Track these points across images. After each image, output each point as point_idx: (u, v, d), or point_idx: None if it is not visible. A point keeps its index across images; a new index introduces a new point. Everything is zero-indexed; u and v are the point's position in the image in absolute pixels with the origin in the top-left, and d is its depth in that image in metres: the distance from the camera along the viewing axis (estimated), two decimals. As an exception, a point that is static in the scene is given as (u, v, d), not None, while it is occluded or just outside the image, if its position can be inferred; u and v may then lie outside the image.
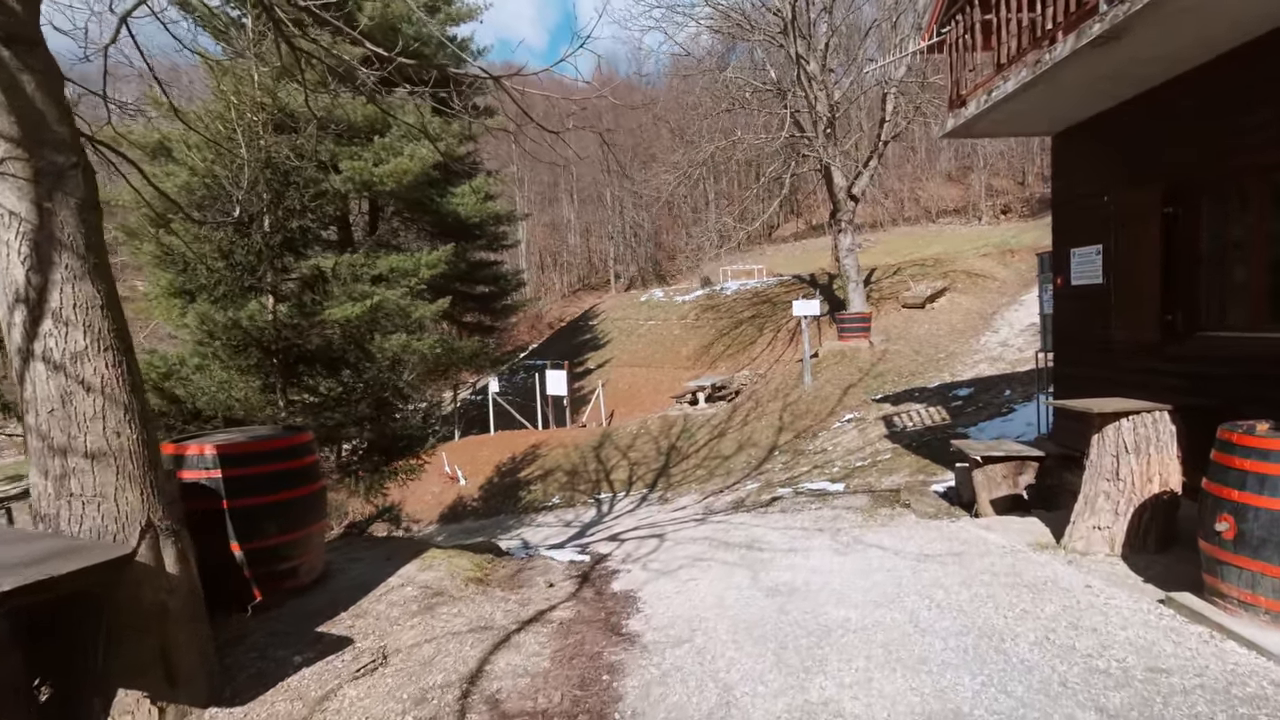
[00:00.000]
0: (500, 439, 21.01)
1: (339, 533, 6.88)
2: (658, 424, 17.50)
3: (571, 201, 68.08)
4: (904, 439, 10.56)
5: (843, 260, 19.43)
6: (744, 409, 15.12)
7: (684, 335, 29.02)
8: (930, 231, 52.41)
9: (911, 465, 9.19)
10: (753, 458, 12.85)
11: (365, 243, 20.61)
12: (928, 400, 12.08)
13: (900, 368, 14.03)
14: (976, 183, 55.90)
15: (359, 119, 17.29)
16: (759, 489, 10.40)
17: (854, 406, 13.05)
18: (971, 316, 16.45)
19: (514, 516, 15.08)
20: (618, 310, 36.02)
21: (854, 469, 9.87)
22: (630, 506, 12.55)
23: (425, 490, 19.18)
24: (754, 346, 23.82)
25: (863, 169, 19.01)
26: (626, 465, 15.46)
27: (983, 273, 19.55)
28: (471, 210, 19.37)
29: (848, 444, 11.33)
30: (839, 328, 15.72)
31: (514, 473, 17.98)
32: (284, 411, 9.14)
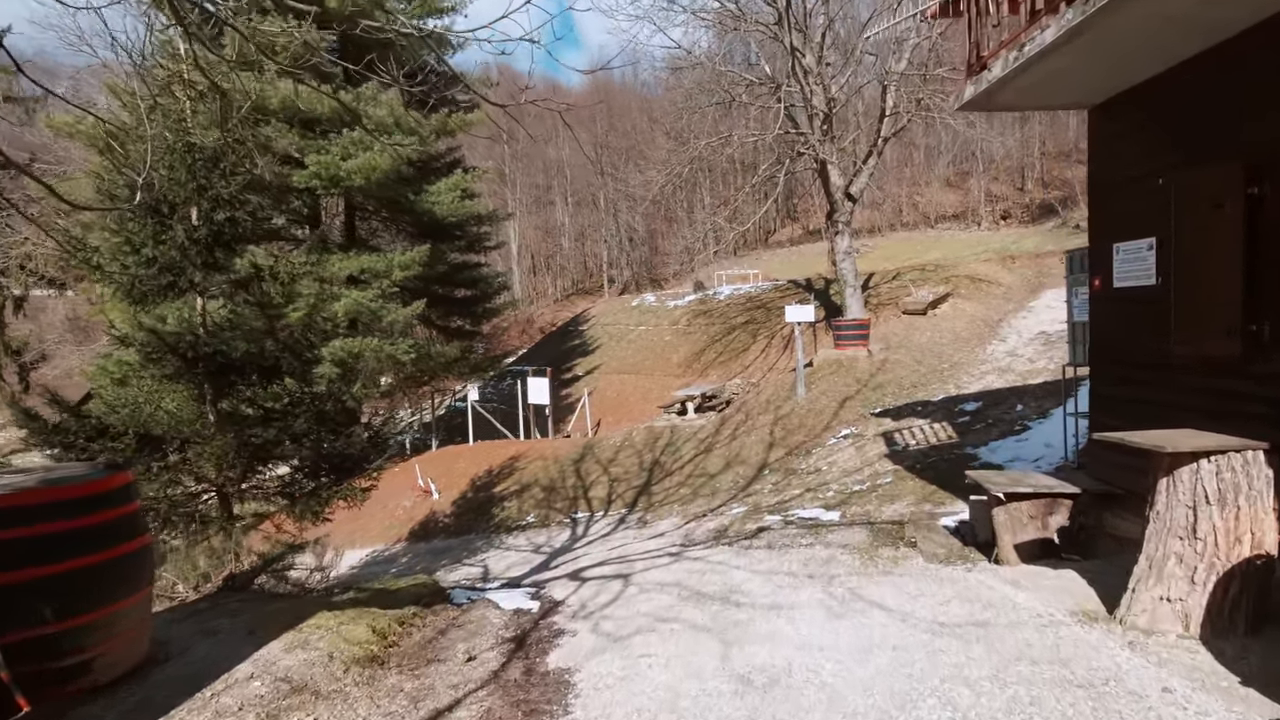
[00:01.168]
0: (478, 450, 19.94)
1: (214, 587, 5.79)
2: (643, 436, 16.43)
3: (565, 204, 67.12)
4: (907, 459, 9.51)
5: (840, 264, 18.41)
6: (733, 422, 14.08)
7: (675, 341, 27.98)
8: (929, 237, 51.56)
9: (916, 492, 8.14)
10: (740, 476, 11.79)
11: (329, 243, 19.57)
12: (932, 415, 11.04)
13: (901, 379, 12.99)
14: (976, 188, 55.14)
15: (325, 110, 16.24)
16: (745, 514, 9.34)
17: (851, 421, 12.00)
18: (976, 324, 15.43)
19: (484, 536, 13.99)
20: (608, 315, 34.98)
21: (851, 494, 8.81)
22: (606, 529, 11.48)
23: (397, 504, 18.12)
24: (747, 354, 22.79)
25: (861, 167, 18.02)
26: (607, 481, 14.39)
27: (987, 278, 18.55)
28: (448, 209, 18.32)
29: (844, 463, 10.27)
30: (835, 335, 14.69)
31: (489, 487, 16.90)
32: (213, 429, 8.06)
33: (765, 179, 19.42)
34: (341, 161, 16.00)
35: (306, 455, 8.86)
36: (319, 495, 8.65)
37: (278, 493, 9.06)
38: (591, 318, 36.40)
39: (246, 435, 7.73)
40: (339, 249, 19.22)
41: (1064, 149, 56.04)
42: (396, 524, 17.14)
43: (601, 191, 58.54)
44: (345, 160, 16.02)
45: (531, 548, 11.55)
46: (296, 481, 9.29)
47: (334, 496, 8.80)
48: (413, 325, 23.29)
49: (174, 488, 7.79)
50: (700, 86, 18.06)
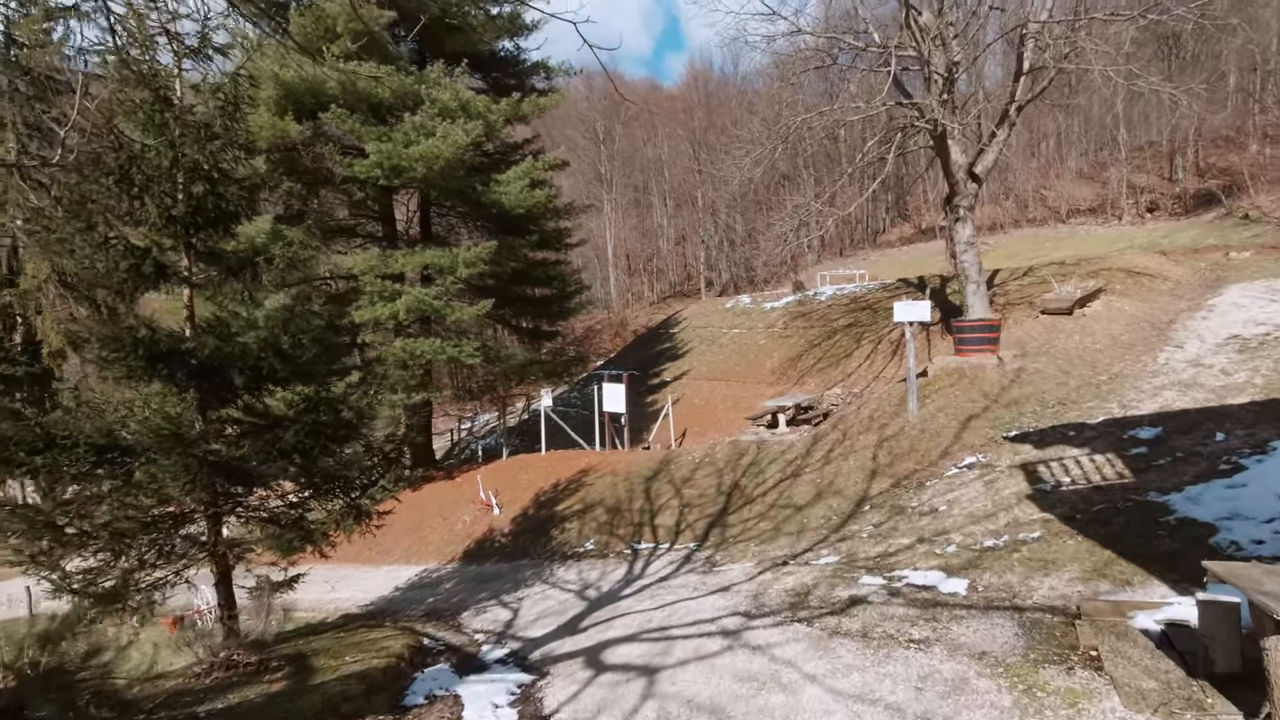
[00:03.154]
0: (548, 460, 18.42)
1: None
2: (726, 452, 14.36)
3: (664, 205, 65.51)
4: (1060, 504, 7.03)
5: (960, 256, 15.62)
6: (827, 441, 11.78)
7: (770, 346, 25.63)
8: (1060, 234, 46.52)
9: (1081, 558, 5.73)
10: (834, 512, 9.53)
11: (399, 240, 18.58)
12: (1090, 443, 8.41)
13: (1042, 394, 10.31)
14: (1115, 178, 49.34)
15: (386, 94, 15.14)
16: (835, 569, 7.15)
17: (977, 446, 9.50)
18: (1140, 326, 12.40)
19: (537, 564, 12.34)
20: (700, 317, 32.92)
21: (982, 551, 6.46)
22: (666, 569, 9.52)
23: (458, 517, 16.87)
24: (849, 360, 20.22)
25: (987, 144, 15.22)
26: (677, 506, 12.43)
27: (1148, 271, 15.25)
28: (516, 199, 16.89)
29: (970, 504, 7.86)
30: (956, 339, 12.10)
31: (553, 504, 15.29)
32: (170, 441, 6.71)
33: (872, 161, 16.88)
34: (404, 149, 14.84)
35: (295, 474, 7.41)
36: (301, 527, 7.15)
37: (268, 519, 7.68)
38: (683, 320, 34.45)
39: (204, 452, 6.29)
40: (412, 245, 18.23)
41: (1221, 133, 49.58)
42: (455, 539, 15.84)
43: (699, 190, 56.49)
44: (408, 147, 14.85)
45: (577, 588, 9.75)
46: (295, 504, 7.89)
47: (321, 530, 7.29)
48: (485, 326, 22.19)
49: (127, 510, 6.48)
50: (798, 55, 15.81)
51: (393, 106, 15.71)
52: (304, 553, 7.42)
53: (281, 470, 7.17)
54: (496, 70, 20.81)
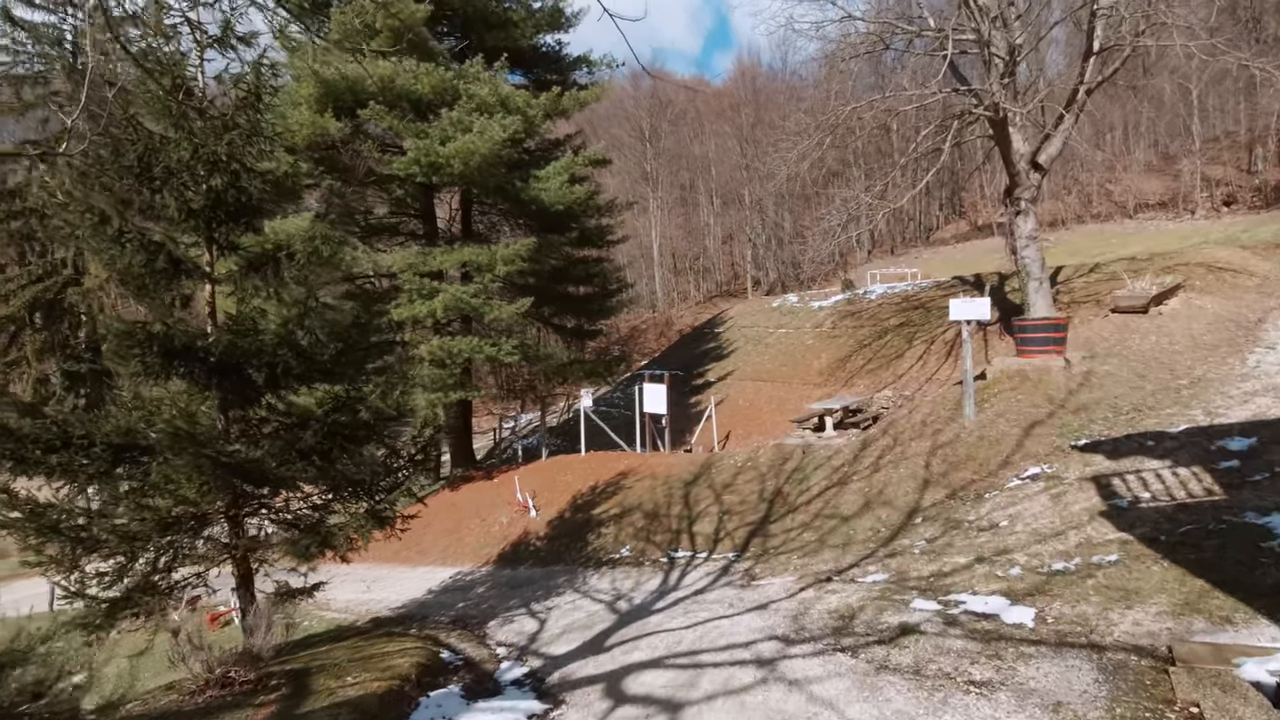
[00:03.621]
0: (587, 462, 18.06)
1: None
2: (770, 456, 13.77)
3: (710, 204, 64.74)
4: (1140, 524, 6.30)
5: (1021, 251, 14.70)
6: (877, 447, 11.09)
7: (817, 346, 24.84)
8: (1127, 229, 44.31)
9: (1169, 587, 5.04)
10: (883, 523, 8.89)
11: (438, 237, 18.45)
12: (1172, 455, 7.60)
13: (1115, 399, 9.46)
14: (1188, 170, 46.75)
15: (424, 90, 14.94)
16: (884, 589, 6.54)
17: (1042, 456, 8.73)
18: (1224, 325, 11.37)
19: (570, 570, 11.95)
20: (746, 317, 32.21)
21: (1051, 576, 5.79)
22: (703, 581, 9.02)
23: (495, 519, 16.63)
24: (900, 361, 19.35)
25: (1053, 131, 14.29)
26: (717, 513, 11.91)
27: (1231, 266, 14.07)
28: (555, 196, 16.55)
29: (1035, 520, 7.16)
30: (1018, 339, 11.26)
31: (590, 507, 14.92)
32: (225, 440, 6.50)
33: (926, 152, 16.02)
34: (440, 146, 14.64)
35: (314, 476, 7.14)
36: (318, 531, 6.87)
37: (290, 523, 7.43)
38: (729, 319, 33.78)
39: (217, 452, 6.04)
40: (451, 243, 18.08)
41: (1303, 122, 46.57)
42: (491, 541, 15.60)
43: (746, 188, 55.60)
44: (444, 144, 14.65)
45: (609, 598, 9.31)
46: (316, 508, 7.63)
47: (339, 534, 6.99)
48: (526, 324, 21.96)
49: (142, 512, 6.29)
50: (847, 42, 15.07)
51: (432, 103, 15.52)
52: (323, 558, 7.15)
53: (300, 472, 6.90)
54: (538, 66, 20.56)
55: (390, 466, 7.92)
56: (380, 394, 7.20)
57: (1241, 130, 48.92)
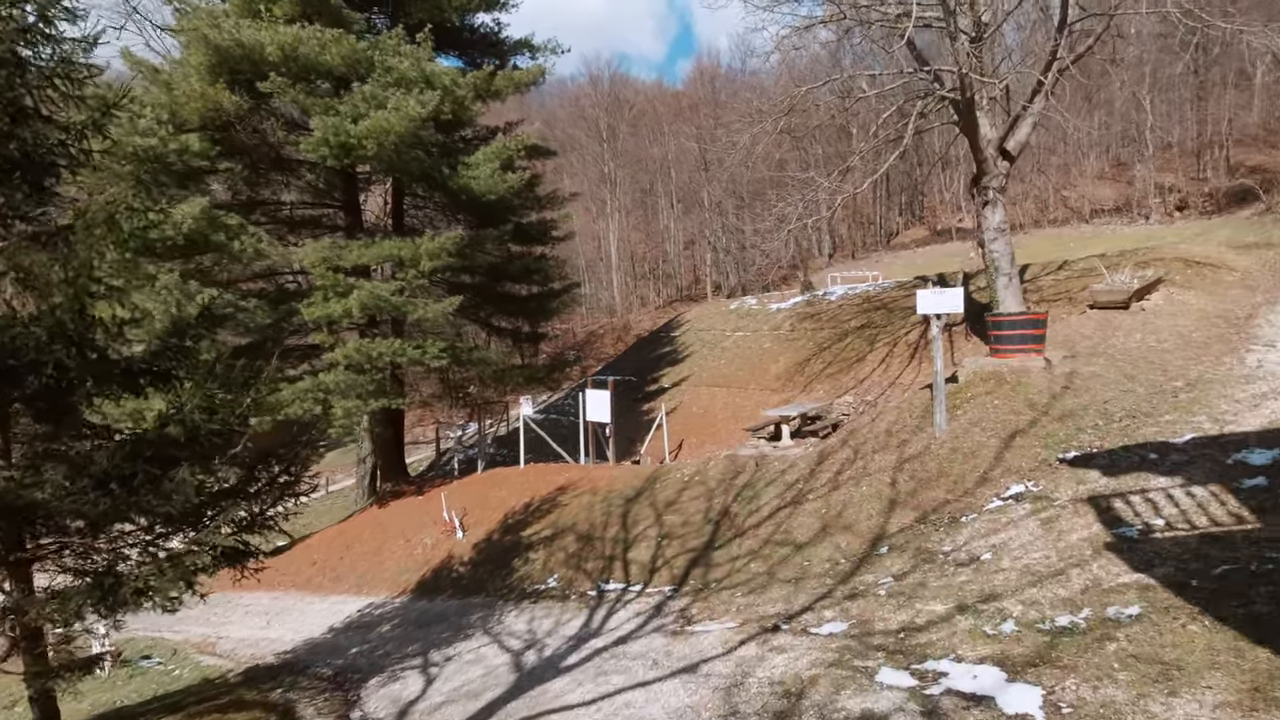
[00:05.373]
0: (525, 475, 16.47)
1: None
2: (720, 469, 12.38)
3: (671, 208, 63.54)
4: (1160, 561, 5.01)
5: (989, 245, 13.60)
6: (836, 460, 9.76)
7: (775, 349, 23.66)
8: (1083, 233, 44.32)
9: (1226, 664, 3.71)
10: (842, 553, 7.52)
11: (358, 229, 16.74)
12: (1181, 470, 6.37)
13: (1105, 403, 8.26)
14: (1141, 177, 47.16)
15: (334, 61, 13.28)
16: (843, 649, 5.15)
17: (1026, 471, 7.46)
18: (1212, 322, 10.31)
19: (487, 605, 10.39)
20: (703, 320, 30.95)
21: (1056, 635, 4.46)
22: (629, 625, 7.55)
23: (419, 540, 14.96)
24: (861, 365, 18.20)
25: (1023, 112, 13.23)
26: (656, 536, 10.46)
27: (1210, 261, 13.13)
28: (486, 184, 14.98)
29: (1026, 554, 5.84)
30: (992, 337, 10.04)
31: (522, 527, 13.35)
32: None
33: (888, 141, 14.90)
34: (351, 124, 13.00)
35: (103, 514, 5.48)
36: (101, 585, 5.22)
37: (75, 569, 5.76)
38: (685, 323, 32.50)
39: None
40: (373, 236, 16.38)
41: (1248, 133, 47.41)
42: (412, 566, 13.94)
43: (706, 190, 54.50)
44: (356, 122, 13.00)
45: (519, 647, 7.79)
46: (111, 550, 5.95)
47: (139, 583, 5.34)
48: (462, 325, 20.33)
49: None
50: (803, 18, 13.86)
51: (344, 77, 13.86)
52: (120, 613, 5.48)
53: (92, 506, 5.27)
54: (474, 48, 19.01)
55: (232, 491, 6.28)
56: (221, 403, 5.57)
57: (1190, 139, 49.59)
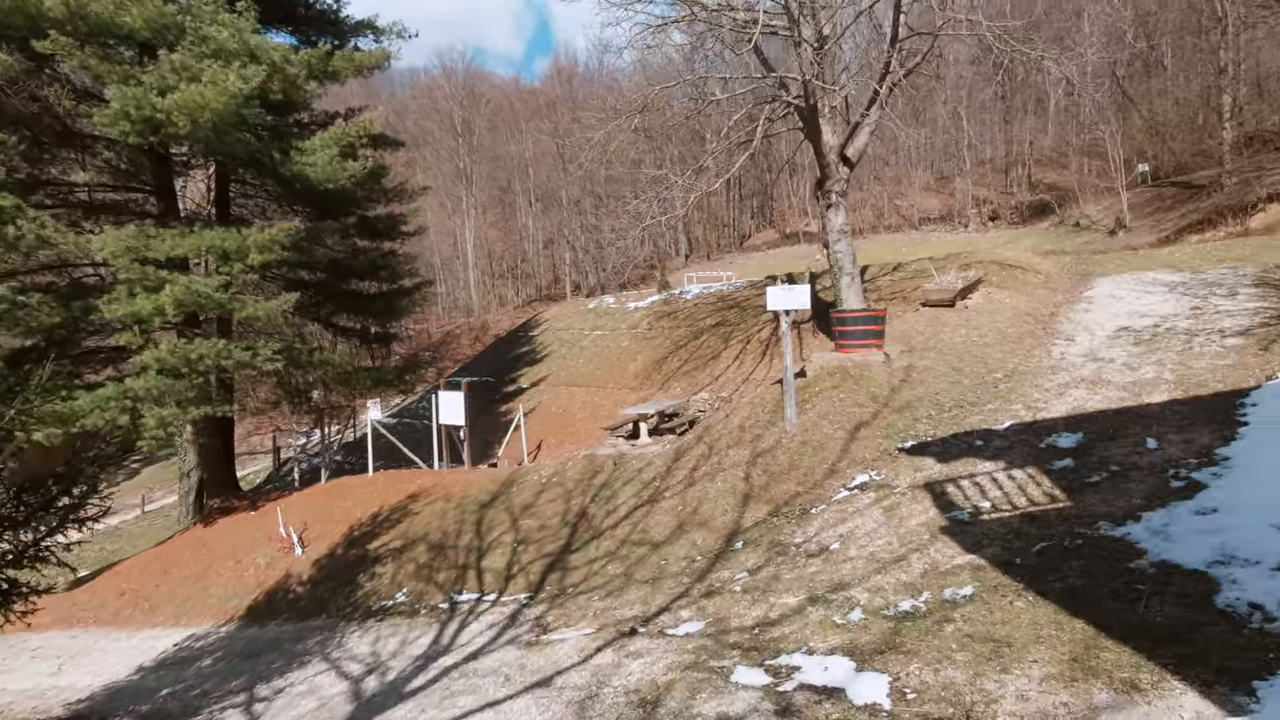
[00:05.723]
0: (374, 484, 15.46)
1: None
2: (579, 469, 12.13)
3: (530, 206, 62.59)
4: (989, 541, 5.31)
5: (833, 246, 14.28)
6: (691, 456, 9.81)
7: (633, 347, 23.77)
8: (914, 239, 48.27)
9: (1049, 637, 3.92)
10: (699, 550, 7.51)
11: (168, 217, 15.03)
12: (1004, 455, 6.85)
13: (937, 395, 8.82)
14: (960, 189, 52.13)
15: (135, 23, 11.74)
16: (700, 649, 5.06)
17: (869, 461, 7.79)
18: (1024, 319, 11.35)
19: (329, 625, 9.57)
20: (561, 319, 30.64)
21: (900, 620, 4.58)
22: (482, 638, 7.14)
23: (252, 559, 13.63)
24: (717, 362, 18.61)
25: (861, 121, 13.96)
26: (512, 542, 10.06)
27: (1019, 264, 14.52)
28: (324, 172, 13.85)
29: (871, 541, 6.04)
30: (837, 332, 10.50)
31: (369, 539, 12.47)
32: None
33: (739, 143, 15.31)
34: (158, 97, 11.54)
35: None
36: None
37: None
38: (544, 322, 32.04)
39: None
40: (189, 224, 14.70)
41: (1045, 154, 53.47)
42: (243, 590, 12.64)
43: (564, 189, 54.16)
44: (164, 95, 11.55)
45: (360, 672, 7.17)
46: None
47: None
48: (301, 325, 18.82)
49: None
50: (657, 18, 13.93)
51: (148, 43, 12.30)
52: None
53: None
54: (309, 25, 17.57)
55: None
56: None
57: (1000, 157, 55.32)
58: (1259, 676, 3.23)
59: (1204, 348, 8.63)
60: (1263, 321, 9.11)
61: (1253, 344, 8.39)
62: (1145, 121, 41.46)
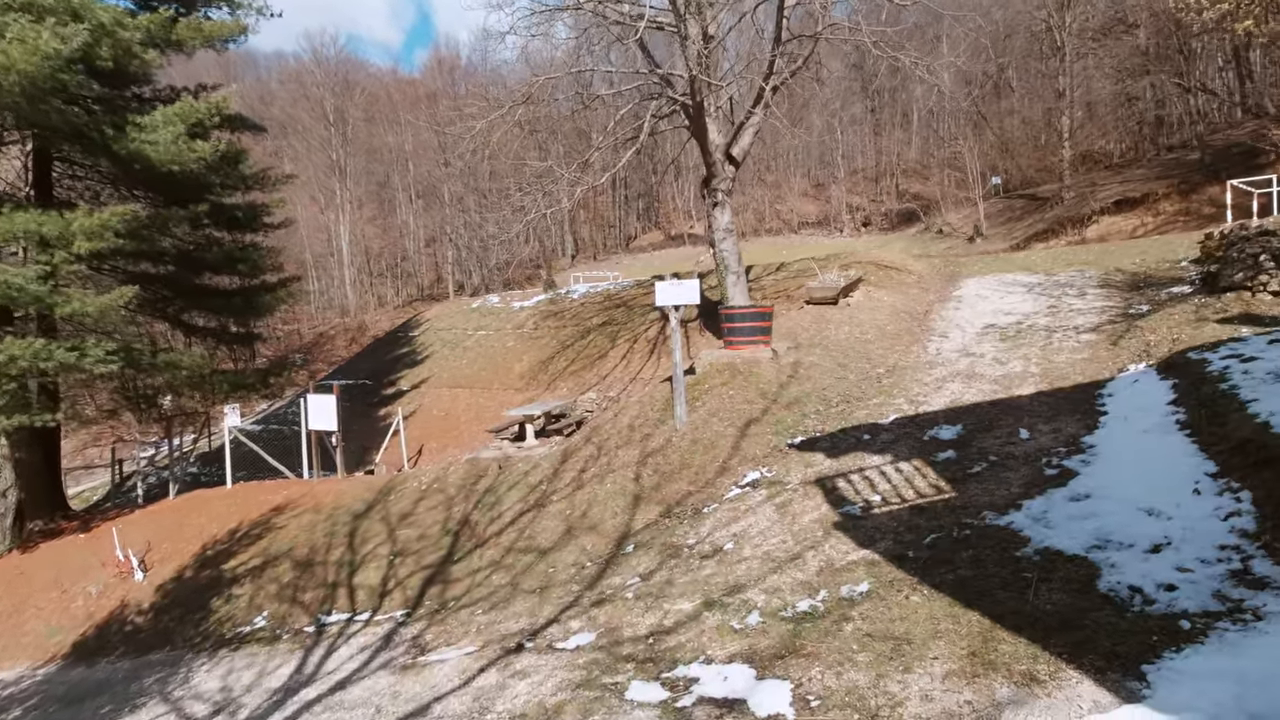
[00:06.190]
0: (233, 497, 14.09)
1: None
2: (461, 474, 11.49)
3: (410, 203, 60.05)
4: (881, 535, 5.27)
5: (719, 245, 14.38)
6: (580, 458, 9.45)
7: (519, 348, 23.14)
8: (793, 242, 50.14)
9: (947, 632, 3.85)
10: (589, 555, 7.16)
11: None
12: (890, 448, 6.93)
13: (824, 390, 8.91)
14: (835, 197, 54.75)
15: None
16: (591, 663, 4.71)
17: (760, 458, 7.71)
18: (901, 316, 11.76)
19: (172, 660, 8.49)
20: (444, 319, 29.46)
21: (799, 621, 4.42)
22: (351, 664, 6.48)
23: (81, 589, 12.05)
24: (604, 361, 18.35)
25: (746, 120, 14.10)
26: (388, 554, 9.34)
27: (894, 265, 15.15)
28: (168, 153, 12.44)
29: (765, 540, 5.90)
30: (725, 329, 10.45)
31: (225, 558, 11.28)
32: None
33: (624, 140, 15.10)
34: (-49, 54, 9.90)
35: None
36: None
37: None
38: (425, 322, 30.70)
39: None
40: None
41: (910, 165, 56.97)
42: (70, 624, 11.12)
43: (446, 185, 52.33)
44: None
45: (206, 713, 6.34)
46: None
47: None
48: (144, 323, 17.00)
49: None
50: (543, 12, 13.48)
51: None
52: None
53: None
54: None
55: None
56: None
57: (871, 166, 58.50)
58: (1146, 660, 3.24)
59: (1062, 343, 9.18)
60: (1110, 319, 9.82)
61: (1104, 340, 9.00)
62: (997, 138, 44.92)
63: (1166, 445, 5.57)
